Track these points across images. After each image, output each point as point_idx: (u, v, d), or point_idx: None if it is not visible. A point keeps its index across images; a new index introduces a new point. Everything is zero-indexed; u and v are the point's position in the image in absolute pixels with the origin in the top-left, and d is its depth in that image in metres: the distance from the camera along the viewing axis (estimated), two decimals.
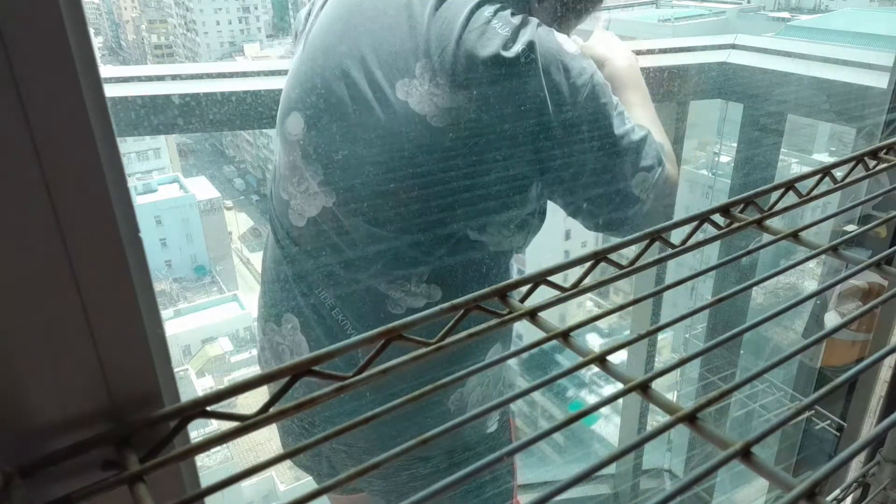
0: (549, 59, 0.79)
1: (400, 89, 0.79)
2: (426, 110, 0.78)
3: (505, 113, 0.78)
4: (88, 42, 0.23)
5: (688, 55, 1.29)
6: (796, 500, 0.24)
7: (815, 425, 1.24)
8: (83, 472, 0.25)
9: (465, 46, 0.77)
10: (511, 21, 0.79)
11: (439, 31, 0.78)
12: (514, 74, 0.78)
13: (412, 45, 0.79)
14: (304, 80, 0.85)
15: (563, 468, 1.93)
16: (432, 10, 0.80)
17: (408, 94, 0.79)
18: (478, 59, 0.77)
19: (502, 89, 0.78)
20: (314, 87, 0.84)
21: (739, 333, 0.32)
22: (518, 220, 0.86)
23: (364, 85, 0.81)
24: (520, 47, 0.77)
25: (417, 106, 0.79)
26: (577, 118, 0.80)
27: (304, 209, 0.86)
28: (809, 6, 12.74)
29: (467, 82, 0.78)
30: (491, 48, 0.77)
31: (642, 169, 0.85)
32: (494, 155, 0.80)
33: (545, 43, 0.79)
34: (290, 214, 0.88)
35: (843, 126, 1.21)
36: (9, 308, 0.24)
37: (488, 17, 0.79)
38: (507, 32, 0.78)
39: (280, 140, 0.89)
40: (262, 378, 0.28)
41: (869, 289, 1.14)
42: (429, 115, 0.78)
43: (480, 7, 0.80)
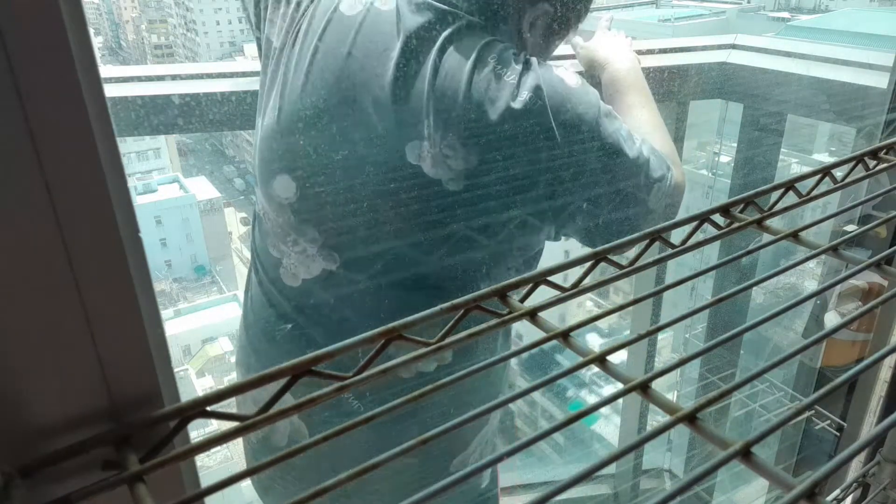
0: (556, 101, 0.77)
1: (410, 154, 0.76)
2: (441, 174, 0.75)
3: (519, 164, 0.76)
4: (88, 42, 0.23)
5: (688, 55, 1.29)
6: (796, 500, 0.24)
7: (815, 425, 1.24)
8: (83, 472, 0.25)
9: (474, 103, 0.74)
10: (514, 66, 0.76)
11: (444, 86, 0.74)
12: (526, 124, 0.76)
13: (417, 103, 0.75)
14: (293, 139, 0.78)
15: (563, 468, 1.93)
16: (434, 61, 0.75)
17: (420, 157, 0.75)
18: (489, 117, 0.74)
19: (515, 141, 0.76)
20: (307, 151, 0.78)
21: (739, 333, 0.32)
22: (527, 263, 0.85)
23: (371, 149, 0.76)
24: (527, 94, 0.75)
25: (432, 171, 0.75)
26: (590, 155, 0.79)
27: (298, 271, 0.82)
28: (809, 6, 12.74)
29: (480, 140, 0.75)
30: (501, 102, 0.75)
31: (655, 181, 0.84)
32: (511, 207, 0.78)
33: (550, 84, 0.77)
34: (281, 272, 0.83)
35: (843, 126, 1.21)
36: (9, 308, 0.24)
37: (493, 67, 0.76)
38: (513, 80, 0.75)
39: (265, 197, 0.82)
40: (262, 378, 0.28)
41: (869, 289, 1.14)
42: (444, 179, 0.75)
43: (482, 56, 0.76)
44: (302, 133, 0.78)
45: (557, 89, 0.77)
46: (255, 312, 0.89)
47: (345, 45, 0.77)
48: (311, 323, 0.83)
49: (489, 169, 0.76)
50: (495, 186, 0.76)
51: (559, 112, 0.77)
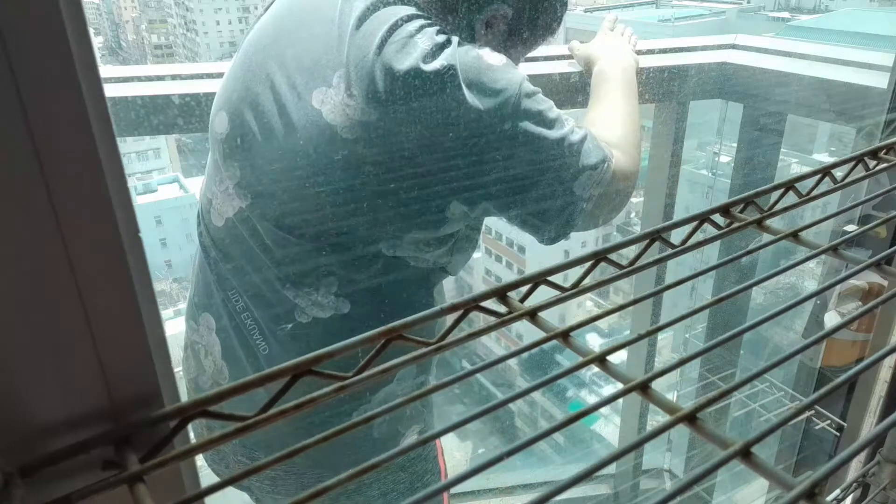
0: (470, 73, 0.76)
1: (316, 97, 0.78)
2: (337, 121, 0.76)
3: (422, 128, 0.76)
4: (88, 42, 0.23)
5: (688, 55, 1.29)
6: (796, 500, 0.24)
7: (815, 425, 1.24)
8: (83, 472, 0.25)
9: (383, 58, 0.75)
10: (435, 38, 0.77)
11: (360, 42, 0.77)
12: (434, 89, 0.75)
13: (334, 55, 0.78)
14: (233, 80, 0.85)
15: (563, 468, 1.93)
16: (357, 21, 0.78)
17: (322, 102, 0.77)
18: (395, 72, 0.75)
19: (420, 104, 0.76)
20: (240, 89, 0.83)
21: (739, 333, 0.32)
22: (437, 239, 0.84)
23: (284, 90, 0.80)
24: (440, 62, 0.75)
25: (329, 115, 0.77)
26: (505, 131, 0.78)
27: (222, 209, 0.85)
28: (809, 6, 12.74)
29: (382, 95, 0.75)
30: (409, 61, 0.75)
31: (587, 168, 0.82)
32: (407, 171, 0.77)
33: (466, 56, 0.77)
34: (211, 213, 0.87)
35: (843, 126, 1.21)
36: (9, 308, 0.24)
37: (411, 32, 0.76)
38: (427, 47, 0.76)
39: (210, 135, 0.88)
40: (262, 378, 0.28)
41: (869, 289, 1.15)
42: (339, 126, 0.76)
43: (407, 22, 0.77)
44: (239, 73, 0.84)
45: (473, 62, 0.77)
46: (197, 261, 0.93)
47: (295, 6, 0.84)
48: (229, 264, 0.86)
49: (387, 126, 0.76)
50: (392, 146, 0.76)
51: (471, 85, 0.76)
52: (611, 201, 0.86)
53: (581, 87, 1.15)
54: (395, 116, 0.75)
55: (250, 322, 0.85)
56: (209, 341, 0.90)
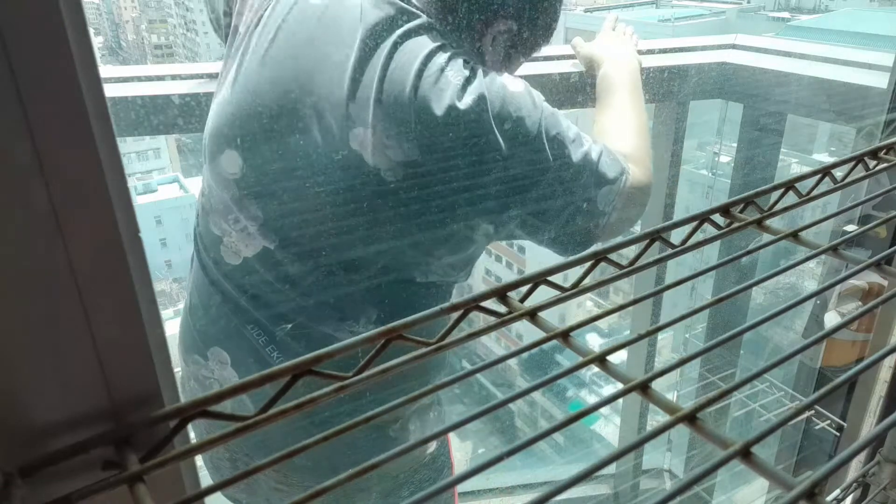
0: (498, 104, 0.78)
1: (354, 139, 0.76)
2: (381, 164, 0.76)
3: (459, 163, 0.77)
4: (88, 42, 0.23)
5: (688, 55, 1.29)
6: (796, 500, 0.24)
7: (815, 425, 1.24)
8: (83, 472, 0.25)
9: (420, 100, 0.75)
10: (463, 70, 0.77)
11: (394, 79, 0.76)
12: (468, 124, 0.76)
13: (367, 91, 0.76)
14: (244, 114, 0.79)
15: (563, 468, 1.93)
16: (388, 54, 0.76)
17: (362, 144, 0.76)
18: (434, 114, 0.75)
19: (456, 140, 0.77)
20: (257, 127, 0.78)
21: (739, 333, 0.32)
22: (463, 260, 0.86)
23: (316, 131, 0.77)
24: (471, 99, 0.76)
25: (371, 159, 0.76)
26: (533, 157, 0.80)
27: (240, 248, 0.82)
28: (809, 6, 12.74)
29: (423, 137, 0.76)
30: (445, 100, 0.75)
31: (606, 183, 0.84)
32: (443, 201, 0.79)
33: (493, 88, 0.78)
34: (222, 250, 0.83)
35: (843, 126, 1.21)
36: (9, 308, 0.24)
37: (441, 66, 0.77)
38: (459, 82, 0.76)
39: (211, 172, 0.83)
40: (262, 378, 0.28)
41: (869, 289, 1.15)
42: (383, 169, 0.76)
43: (435, 55, 0.77)
44: (253, 109, 0.78)
45: (499, 93, 0.78)
46: (199, 292, 0.89)
47: (306, 30, 0.79)
48: (249, 300, 0.84)
49: (428, 164, 0.76)
50: (433, 182, 0.77)
51: (500, 116, 0.78)
52: (630, 212, 0.88)
53: (581, 87, 1.15)
54: (433, 154, 0.76)
55: (277, 355, 0.82)
56: (223, 375, 0.87)
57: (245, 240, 0.81)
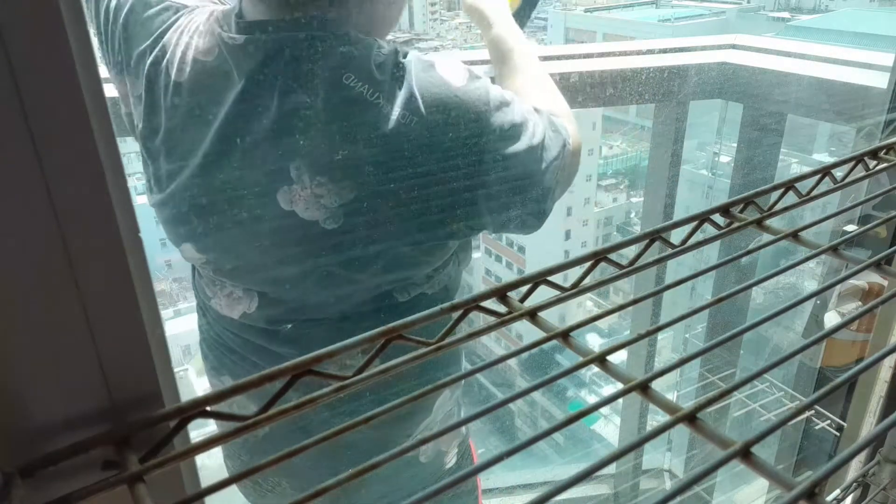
0: (437, 110, 0.69)
1: (283, 200, 0.69)
2: (317, 215, 0.69)
3: (403, 187, 0.70)
4: (88, 42, 0.23)
5: (688, 55, 1.29)
6: (796, 500, 0.24)
7: (815, 425, 1.24)
8: (83, 472, 0.25)
9: (335, 133, 0.67)
10: (378, 79, 0.67)
11: (295, 123, 0.67)
12: (404, 144, 0.68)
13: (274, 147, 0.68)
14: (183, 214, 0.74)
15: (563, 468, 1.93)
16: (283, 90, 0.66)
17: (292, 202, 0.69)
18: (357, 145, 0.67)
19: (394, 165, 0.69)
20: (196, 219, 0.73)
21: (739, 333, 0.32)
22: (441, 263, 0.80)
23: (249, 202, 0.71)
24: (399, 110, 0.67)
25: (306, 213, 0.69)
26: (484, 158, 0.73)
27: (229, 310, 0.81)
28: (809, 6, 12.74)
29: (351, 172, 0.68)
30: (369, 128, 0.67)
31: (553, 160, 0.78)
32: (400, 231, 0.73)
33: (427, 90, 0.69)
34: (215, 306, 0.82)
35: (843, 126, 1.21)
36: (9, 308, 0.24)
37: (351, 86, 0.67)
38: (378, 100, 0.66)
39: (182, 254, 0.80)
40: (262, 378, 0.28)
41: (869, 289, 1.15)
42: (321, 220, 0.69)
43: (336, 76, 0.66)
44: (186, 202, 0.74)
45: (438, 95, 0.69)
46: (203, 321, 0.89)
47: (198, 95, 0.72)
48: (245, 345, 0.83)
49: (368, 200, 0.69)
50: (378, 215, 0.71)
51: (443, 123, 0.69)
52: (570, 176, 0.84)
53: (581, 87, 1.15)
54: (372, 186, 0.69)
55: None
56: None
57: (231, 303, 0.80)
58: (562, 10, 12.82)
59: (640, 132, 10.29)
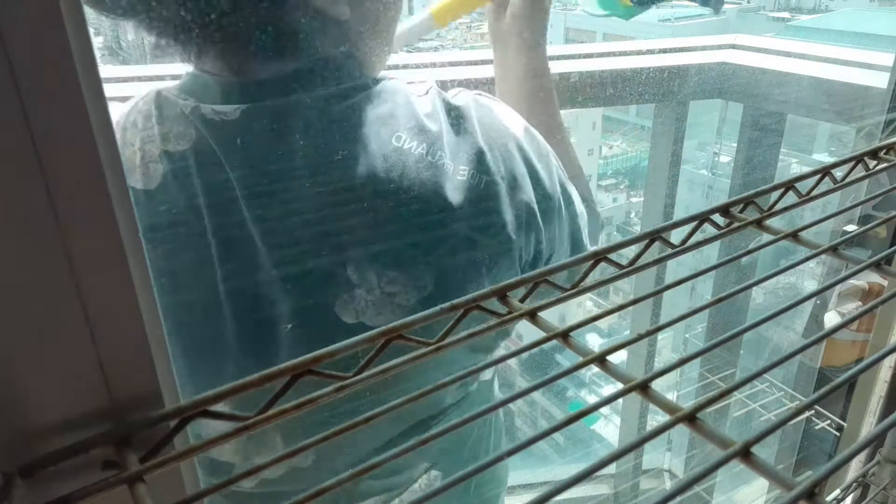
0: (506, 163, 0.57)
1: (346, 313, 0.55)
2: (390, 318, 0.53)
3: (481, 265, 0.57)
4: (88, 42, 0.23)
5: (688, 55, 1.29)
6: (796, 500, 0.24)
7: (815, 425, 1.24)
8: (83, 472, 0.25)
9: (402, 211, 0.54)
10: (428, 128, 0.55)
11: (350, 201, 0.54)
12: (477, 206, 0.56)
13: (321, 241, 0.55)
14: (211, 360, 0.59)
15: (563, 468, 1.93)
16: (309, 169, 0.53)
17: (358, 313, 0.55)
18: (430, 215, 0.55)
19: (473, 239, 0.56)
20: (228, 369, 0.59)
21: (739, 333, 0.32)
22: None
23: (300, 329, 0.56)
24: (467, 168, 0.55)
25: (377, 319, 0.55)
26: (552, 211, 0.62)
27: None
28: (809, 6, 12.74)
29: (428, 257, 0.55)
30: (436, 192, 0.54)
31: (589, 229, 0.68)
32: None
33: (496, 140, 0.57)
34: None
35: (843, 126, 1.21)
36: (9, 308, 0.24)
37: (405, 147, 0.54)
38: (441, 157, 0.54)
39: None
40: (262, 378, 0.28)
41: (869, 289, 1.15)
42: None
43: (389, 132, 0.54)
44: (206, 355, 0.59)
45: (506, 147, 0.57)
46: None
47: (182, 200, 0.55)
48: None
49: (449, 286, 0.56)
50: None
51: (510, 182, 0.57)
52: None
53: (581, 87, 1.15)
54: (454, 269, 0.57)
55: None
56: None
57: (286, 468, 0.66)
58: (562, 10, 12.83)
59: (640, 132, 10.28)
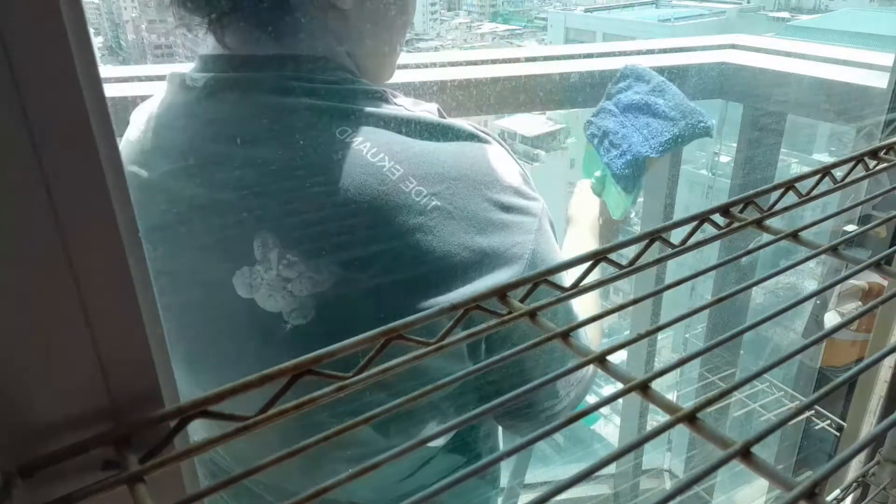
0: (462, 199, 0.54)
1: (241, 285, 0.55)
2: (279, 305, 0.54)
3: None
4: (88, 42, 0.23)
5: (688, 55, 1.29)
6: (796, 500, 0.24)
7: (815, 425, 1.24)
8: (83, 472, 0.25)
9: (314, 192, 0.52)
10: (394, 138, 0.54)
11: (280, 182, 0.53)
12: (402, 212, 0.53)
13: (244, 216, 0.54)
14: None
15: (563, 468, 1.93)
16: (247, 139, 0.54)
17: (252, 287, 0.54)
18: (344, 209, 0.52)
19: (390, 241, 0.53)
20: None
21: (739, 333, 0.32)
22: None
23: (199, 288, 0.57)
24: (419, 187, 0.52)
25: (267, 302, 0.54)
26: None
27: None
28: (809, 6, 12.75)
29: (333, 248, 0.52)
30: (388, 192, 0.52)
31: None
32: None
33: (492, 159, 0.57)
34: None
35: (843, 126, 1.21)
36: (8, 308, 0.24)
37: (347, 140, 0.53)
38: (392, 165, 0.52)
39: None
40: (262, 378, 0.28)
41: (869, 289, 1.15)
42: (284, 312, 0.54)
43: (338, 129, 0.53)
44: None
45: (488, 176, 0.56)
46: None
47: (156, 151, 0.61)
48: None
49: (351, 291, 0.52)
50: (358, 312, 0.53)
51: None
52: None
53: (581, 87, 1.15)
54: (361, 272, 0.53)
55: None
56: None
57: None
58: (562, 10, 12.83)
59: None
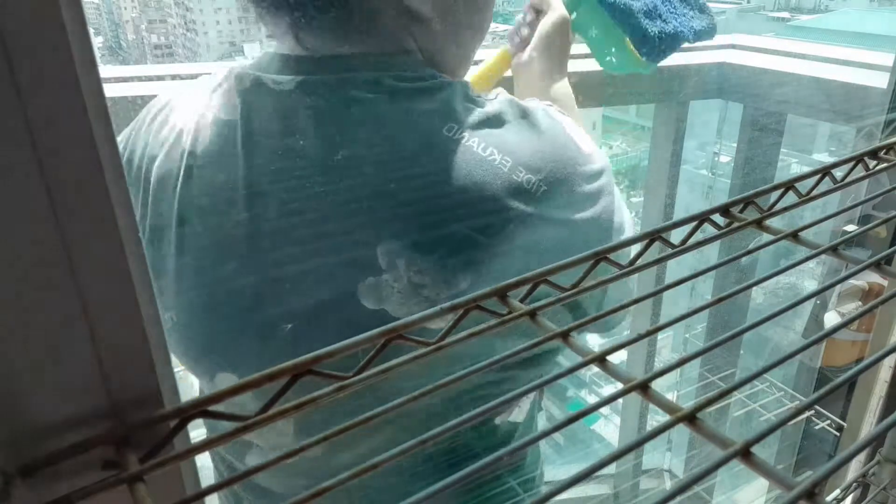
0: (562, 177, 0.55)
1: (368, 296, 0.52)
2: (411, 311, 0.52)
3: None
4: (88, 42, 0.23)
5: (688, 55, 1.29)
6: (796, 500, 0.24)
7: (815, 425, 1.24)
8: (83, 472, 0.25)
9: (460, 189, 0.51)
10: (493, 130, 0.54)
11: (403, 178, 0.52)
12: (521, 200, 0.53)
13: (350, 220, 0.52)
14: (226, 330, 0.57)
15: (563, 468, 1.93)
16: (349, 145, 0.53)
17: (381, 298, 0.52)
18: (489, 202, 0.52)
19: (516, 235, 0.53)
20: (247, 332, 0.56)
21: (739, 333, 0.32)
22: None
23: (319, 304, 0.54)
24: (528, 175, 0.53)
25: (400, 310, 0.52)
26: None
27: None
28: (809, 6, 12.75)
29: (483, 251, 0.52)
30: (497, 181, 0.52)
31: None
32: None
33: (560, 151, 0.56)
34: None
35: (843, 126, 1.21)
36: (8, 308, 0.24)
37: (461, 139, 0.53)
38: (501, 157, 0.53)
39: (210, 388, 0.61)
40: (262, 378, 0.28)
41: (869, 289, 1.15)
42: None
43: (445, 126, 0.53)
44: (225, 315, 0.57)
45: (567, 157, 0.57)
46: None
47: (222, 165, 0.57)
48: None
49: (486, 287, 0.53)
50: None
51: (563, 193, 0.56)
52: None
53: (581, 87, 1.15)
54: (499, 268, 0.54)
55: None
56: None
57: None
58: None
59: (640, 132, 10.28)
